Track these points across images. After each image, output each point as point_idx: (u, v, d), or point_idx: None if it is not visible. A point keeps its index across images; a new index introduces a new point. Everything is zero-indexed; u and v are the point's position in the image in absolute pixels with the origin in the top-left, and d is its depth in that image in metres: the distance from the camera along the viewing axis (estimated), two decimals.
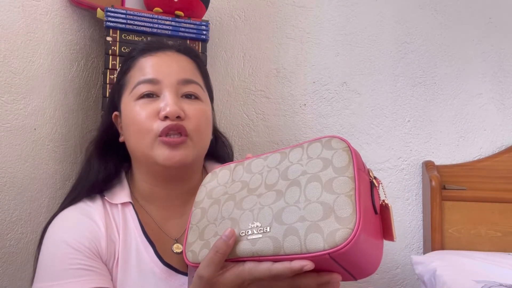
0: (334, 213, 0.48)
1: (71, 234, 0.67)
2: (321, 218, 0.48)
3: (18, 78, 1.08)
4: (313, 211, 0.49)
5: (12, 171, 1.07)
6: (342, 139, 0.53)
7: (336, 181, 0.50)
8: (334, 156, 0.52)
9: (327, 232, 0.47)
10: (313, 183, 0.51)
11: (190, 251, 0.59)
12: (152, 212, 0.76)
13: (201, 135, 0.73)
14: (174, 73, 0.73)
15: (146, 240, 0.71)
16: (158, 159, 0.69)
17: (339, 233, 0.46)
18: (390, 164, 1.48)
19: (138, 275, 0.69)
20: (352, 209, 0.47)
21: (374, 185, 0.53)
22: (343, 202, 0.48)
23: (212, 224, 0.59)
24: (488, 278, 1.06)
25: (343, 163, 0.51)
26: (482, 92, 1.54)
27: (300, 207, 0.50)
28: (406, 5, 1.53)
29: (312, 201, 0.50)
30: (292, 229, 0.49)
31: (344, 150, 0.52)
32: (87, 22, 1.20)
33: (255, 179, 0.59)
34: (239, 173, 0.63)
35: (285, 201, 0.52)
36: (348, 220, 0.47)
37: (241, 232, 0.54)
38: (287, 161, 0.57)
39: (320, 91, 1.46)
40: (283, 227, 0.50)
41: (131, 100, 0.72)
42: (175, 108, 0.69)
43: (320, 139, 0.56)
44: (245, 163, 0.63)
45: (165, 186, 0.75)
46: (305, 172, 0.53)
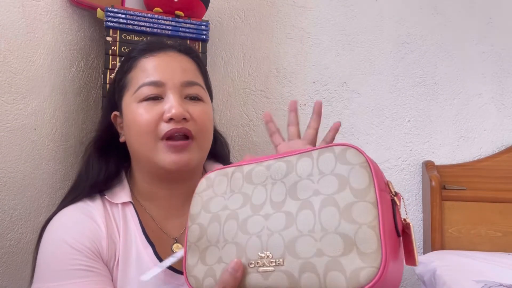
0: (356, 248, 0.43)
1: (72, 234, 0.67)
2: (341, 253, 0.43)
3: (18, 78, 1.08)
4: (331, 244, 0.44)
5: (12, 171, 1.07)
6: (358, 150, 0.47)
7: (356, 207, 0.44)
8: (351, 174, 0.46)
9: (349, 271, 0.42)
10: (328, 208, 0.46)
11: (192, 277, 0.55)
12: (152, 211, 0.76)
13: (205, 137, 0.73)
14: (178, 75, 0.72)
15: (146, 241, 0.70)
16: (163, 164, 0.69)
17: (363, 273, 0.42)
18: (390, 164, 1.48)
19: (138, 276, 0.68)
20: (377, 244, 0.42)
21: (395, 204, 0.48)
22: (366, 234, 0.43)
23: (214, 246, 0.54)
24: (488, 278, 1.06)
25: (362, 184, 0.45)
26: (482, 92, 1.54)
27: (316, 238, 0.45)
28: (406, 5, 1.53)
29: (330, 232, 0.45)
30: (309, 264, 0.45)
31: (362, 166, 0.46)
32: (87, 22, 1.20)
33: (258, 193, 0.53)
34: (238, 182, 0.56)
35: (297, 229, 0.47)
36: (373, 257, 0.42)
37: (250, 262, 0.49)
38: (295, 174, 0.51)
39: (320, 91, 1.46)
40: (298, 261, 0.46)
41: (134, 102, 0.72)
42: (180, 110, 0.68)
43: (332, 147, 0.49)
44: (245, 171, 0.56)
45: (165, 186, 0.75)
46: (318, 191, 0.47)
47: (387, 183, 0.49)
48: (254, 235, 0.50)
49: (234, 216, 0.53)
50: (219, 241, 0.53)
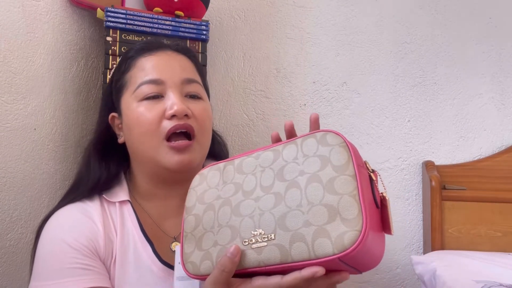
0: (339, 215, 0.47)
1: (70, 233, 0.67)
2: (326, 221, 0.47)
3: (18, 78, 1.08)
4: (317, 214, 0.48)
5: (12, 171, 1.07)
6: (337, 133, 0.52)
7: (338, 180, 0.49)
8: (332, 153, 0.51)
9: (334, 236, 0.46)
10: (313, 184, 0.50)
11: (189, 263, 0.57)
12: (151, 210, 0.76)
13: (206, 135, 0.74)
14: (177, 73, 0.73)
15: (144, 239, 0.71)
16: (166, 164, 0.69)
17: (347, 236, 0.46)
18: (390, 164, 1.48)
19: (136, 274, 0.69)
20: (358, 210, 0.46)
21: (372, 179, 0.52)
22: (348, 203, 0.47)
23: (209, 232, 0.57)
24: (488, 278, 1.06)
25: (342, 160, 0.50)
26: (482, 92, 1.53)
27: (304, 211, 0.49)
28: (406, 5, 1.53)
29: (315, 204, 0.49)
30: (298, 235, 0.48)
31: (341, 146, 0.51)
32: (87, 22, 1.20)
33: (248, 181, 0.57)
34: (230, 174, 0.60)
35: (286, 205, 0.51)
36: (355, 222, 0.46)
37: (243, 241, 0.52)
38: (282, 159, 0.55)
39: (320, 91, 1.46)
40: (289, 233, 0.49)
41: (133, 101, 0.71)
42: (182, 106, 0.69)
43: (314, 133, 0.54)
44: (236, 163, 0.60)
45: (165, 186, 0.75)
46: (303, 171, 0.52)
47: (365, 162, 0.53)
48: (246, 216, 0.54)
49: (227, 203, 0.57)
50: (213, 227, 0.56)
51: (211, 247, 0.55)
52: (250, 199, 0.55)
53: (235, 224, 0.54)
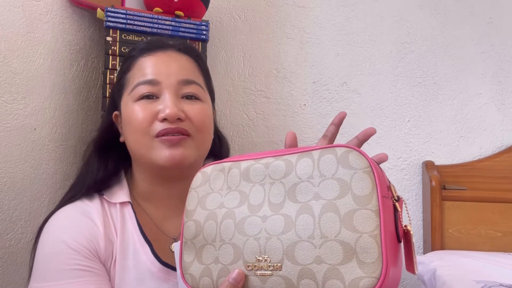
0: (356, 257, 0.42)
1: (70, 234, 0.67)
2: (341, 261, 0.43)
3: (18, 78, 1.08)
4: (331, 251, 0.44)
5: (12, 171, 1.07)
6: (361, 153, 0.46)
7: (357, 215, 0.43)
8: (354, 179, 0.45)
9: (349, 280, 0.42)
10: (329, 214, 0.45)
11: (188, 274, 0.54)
12: (151, 211, 0.76)
13: (204, 135, 0.73)
14: (174, 73, 0.72)
15: (143, 240, 0.70)
16: (158, 161, 0.68)
17: (363, 282, 0.41)
18: (390, 164, 1.48)
19: (136, 275, 0.68)
20: (378, 254, 0.42)
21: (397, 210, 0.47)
22: (367, 243, 0.42)
23: (210, 245, 0.53)
24: (488, 278, 1.06)
25: (365, 190, 0.44)
26: (482, 92, 1.53)
27: (316, 245, 0.44)
28: (406, 5, 1.53)
29: (330, 239, 0.44)
30: (308, 271, 0.44)
31: (365, 172, 0.44)
32: (87, 22, 1.20)
33: (256, 192, 0.52)
34: (235, 179, 0.54)
35: (296, 234, 0.46)
36: (373, 267, 0.41)
37: (247, 265, 0.49)
38: (294, 175, 0.49)
39: (320, 91, 1.46)
40: (297, 267, 0.45)
41: (130, 101, 0.72)
42: (175, 110, 0.68)
43: (334, 148, 0.47)
44: (242, 167, 0.54)
45: (164, 185, 0.75)
46: (318, 195, 0.46)
47: (389, 187, 0.47)
48: (251, 237, 0.49)
49: (231, 215, 0.52)
50: (215, 241, 0.53)
51: (211, 262, 0.52)
52: (257, 216, 0.50)
53: (238, 244, 0.50)
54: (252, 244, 0.49)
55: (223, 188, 0.55)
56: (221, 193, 0.55)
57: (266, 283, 0.47)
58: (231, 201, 0.53)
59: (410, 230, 0.47)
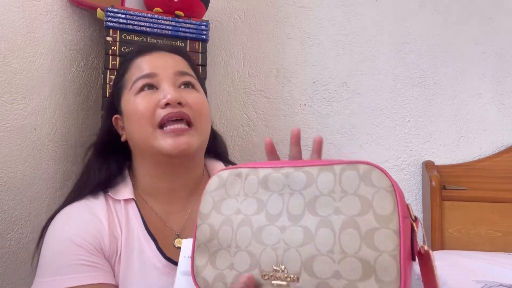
0: (375, 275, 0.43)
1: (75, 230, 0.68)
2: (359, 278, 0.43)
3: (18, 78, 1.08)
4: (350, 267, 0.44)
5: (12, 171, 1.07)
6: (384, 172, 0.46)
7: (378, 234, 0.44)
8: (376, 197, 0.45)
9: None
10: (349, 230, 0.45)
11: (201, 278, 0.54)
12: (155, 207, 0.77)
13: (203, 121, 0.75)
14: (170, 66, 0.75)
15: (148, 235, 0.72)
16: (163, 149, 0.70)
17: None
18: (390, 164, 1.48)
19: (141, 270, 0.70)
20: (396, 273, 0.42)
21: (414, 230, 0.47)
22: (387, 262, 0.43)
23: (225, 250, 0.53)
24: (488, 278, 1.06)
25: (387, 210, 0.44)
26: (482, 92, 1.53)
27: (335, 260, 0.45)
28: (406, 5, 1.53)
29: (349, 255, 0.44)
30: (326, 285, 0.45)
31: (388, 191, 0.45)
32: (87, 22, 1.20)
33: (274, 201, 0.51)
34: (253, 186, 0.54)
35: (316, 247, 0.46)
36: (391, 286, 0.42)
37: (263, 274, 0.49)
38: (315, 188, 0.49)
39: (320, 91, 1.46)
40: (315, 280, 0.45)
41: (131, 95, 0.74)
42: (175, 95, 0.71)
43: (356, 165, 0.48)
44: (260, 175, 0.54)
45: (168, 178, 0.76)
46: (339, 210, 0.47)
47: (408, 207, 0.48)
48: (269, 247, 0.49)
49: (247, 222, 0.52)
50: (230, 247, 0.52)
51: (225, 268, 0.52)
52: (275, 226, 0.50)
53: (255, 252, 0.50)
54: (270, 254, 0.49)
55: (239, 194, 0.54)
56: (238, 199, 0.54)
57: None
58: (248, 208, 0.53)
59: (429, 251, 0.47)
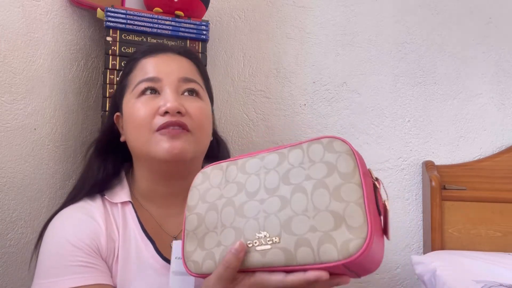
0: (345, 223, 0.48)
1: (72, 232, 0.68)
2: (332, 228, 0.48)
3: (18, 78, 1.08)
4: (323, 221, 0.49)
5: (12, 171, 1.07)
6: (344, 141, 0.53)
7: (344, 188, 0.50)
8: (339, 160, 0.51)
9: (340, 242, 0.47)
10: (320, 190, 0.51)
11: (191, 261, 0.58)
12: (152, 210, 0.77)
13: (202, 132, 0.74)
14: (175, 71, 0.74)
15: (145, 237, 0.72)
16: (158, 154, 0.69)
17: (352, 243, 0.47)
18: (390, 164, 1.48)
19: (139, 272, 0.70)
20: (363, 218, 0.47)
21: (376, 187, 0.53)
22: (354, 211, 0.48)
23: (212, 232, 0.57)
24: (488, 278, 1.06)
25: (348, 168, 0.51)
26: (482, 92, 1.54)
27: (309, 216, 0.50)
28: (406, 5, 1.53)
29: (321, 210, 0.50)
30: (304, 240, 0.49)
31: (348, 154, 0.51)
32: (87, 22, 1.20)
33: (252, 181, 0.57)
34: (232, 173, 0.60)
35: (292, 210, 0.51)
36: (360, 230, 0.47)
37: (248, 242, 0.53)
38: (287, 163, 0.55)
39: (320, 91, 1.46)
40: (294, 237, 0.50)
41: (132, 98, 0.73)
42: (175, 104, 0.69)
43: (320, 139, 0.54)
44: (239, 163, 0.60)
45: (164, 183, 0.76)
46: (309, 176, 0.52)
47: (369, 170, 0.54)
48: (251, 218, 0.54)
49: (230, 203, 0.57)
50: (217, 227, 0.57)
51: (214, 247, 0.56)
52: (255, 200, 0.55)
53: (239, 226, 0.54)
54: (252, 224, 0.53)
55: (221, 182, 0.60)
56: (220, 187, 0.60)
57: (266, 256, 0.51)
58: (229, 192, 0.58)
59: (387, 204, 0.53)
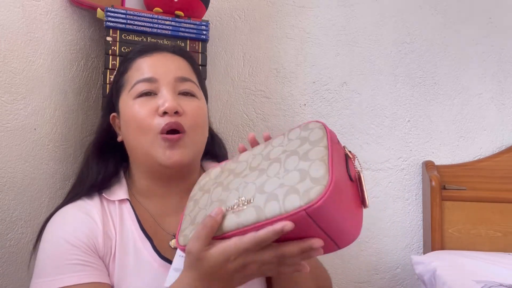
0: (309, 176, 0.51)
1: (69, 231, 0.69)
2: (298, 181, 0.52)
3: (18, 78, 1.08)
4: (291, 177, 0.53)
5: (12, 171, 1.07)
6: (318, 121, 0.59)
7: (312, 151, 0.54)
8: (311, 134, 0.57)
9: (302, 191, 0.50)
10: (291, 157, 0.56)
11: (182, 236, 0.61)
12: (150, 208, 0.77)
13: (198, 132, 0.75)
14: (171, 71, 0.75)
15: (143, 235, 0.72)
16: (159, 159, 0.71)
17: (313, 190, 0.49)
18: (390, 164, 1.48)
19: (136, 270, 0.70)
20: (325, 170, 0.50)
21: (348, 157, 0.56)
22: (317, 165, 0.51)
23: (203, 209, 0.61)
24: (488, 278, 1.06)
25: (317, 136, 0.56)
26: (482, 92, 1.54)
27: (280, 177, 0.54)
28: (406, 5, 1.53)
29: (290, 170, 0.54)
30: (273, 195, 0.52)
31: (320, 128, 0.57)
32: (87, 22, 1.20)
33: (240, 166, 0.63)
34: (227, 165, 0.66)
35: (267, 175, 0.56)
36: (321, 178, 0.50)
37: (227, 208, 0.56)
38: (270, 146, 0.61)
39: (320, 91, 1.46)
40: (265, 195, 0.53)
41: (129, 99, 0.74)
42: (173, 103, 0.71)
43: (299, 125, 0.61)
44: (235, 158, 0.66)
45: (163, 183, 0.76)
46: (285, 151, 0.58)
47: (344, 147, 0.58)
48: (233, 189, 0.59)
49: (220, 184, 0.63)
50: (207, 205, 0.61)
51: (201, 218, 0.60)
52: (239, 177, 0.60)
53: (223, 198, 0.59)
54: (233, 193, 0.58)
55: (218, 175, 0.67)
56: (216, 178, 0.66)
57: (240, 216, 0.54)
58: (221, 178, 0.65)
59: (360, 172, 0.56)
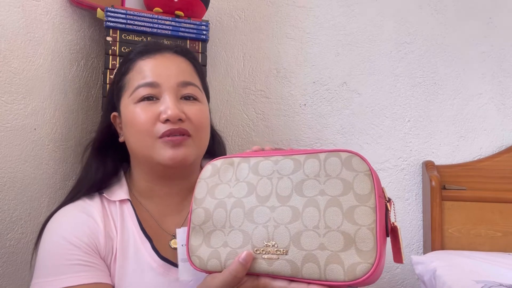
0: (355, 245, 0.49)
1: (70, 231, 0.68)
2: (341, 249, 0.49)
3: (18, 78, 1.08)
4: (333, 240, 0.50)
5: (12, 171, 1.07)
6: (362, 159, 0.52)
7: (358, 210, 0.50)
8: (356, 180, 0.51)
9: (347, 264, 0.48)
10: (333, 208, 0.51)
11: (196, 256, 0.59)
12: (150, 208, 0.77)
13: (202, 136, 0.75)
14: (173, 75, 0.74)
15: (143, 236, 0.72)
16: (161, 159, 0.70)
17: (359, 267, 0.48)
18: (390, 164, 1.48)
19: (136, 270, 0.70)
20: (373, 244, 0.48)
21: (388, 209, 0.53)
22: (365, 235, 0.49)
23: (219, 231, 0.58)
24: (488, 278, 1.06)
25: (365, 190, 0.51)
26: (482, 92, 1.54)
27: (320, 234, 0.50)
28: (406, 5, 1.53)
29: (333, 229, 0.50)
30: (312, 256, 0.50)
31: (366, 175, 0.51)
32: (87, 22, 1.20)
33: (263, 184, 0.56)
34: (243, 172, 0.59)
35: (303, 224, 0.52)
36: (369, 254, 0.48)
37: (255, 249, 0.54)
38: (302, 173, 0.55)
39: (320, 91, 1.46)
40: (302, 252, 0.51)
41: (131, 103, 0.73)
42: (176, 111, 0.70)
43: (338, 153, 0.54)
44: (251, 162, 0.59)
45: (164, 184, 0.76)
46: (324, 192, 0.52)
47: (383, 190, 0.54)
48: (260, 225, 0.54)
49: (239, 204, 0.57)
50: (225, 227, 0.57)
51: (220, 246, 0.57)
52: (265, 206, 0.55)
53: (247, 230, 0.55)
54: (261, 231, 0.54)
55: (231, 179, 0.60)
56: (230, 184, 0.60)
57: (273, 266, 0.52)
58: (239, 191, 0.58)
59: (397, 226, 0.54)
